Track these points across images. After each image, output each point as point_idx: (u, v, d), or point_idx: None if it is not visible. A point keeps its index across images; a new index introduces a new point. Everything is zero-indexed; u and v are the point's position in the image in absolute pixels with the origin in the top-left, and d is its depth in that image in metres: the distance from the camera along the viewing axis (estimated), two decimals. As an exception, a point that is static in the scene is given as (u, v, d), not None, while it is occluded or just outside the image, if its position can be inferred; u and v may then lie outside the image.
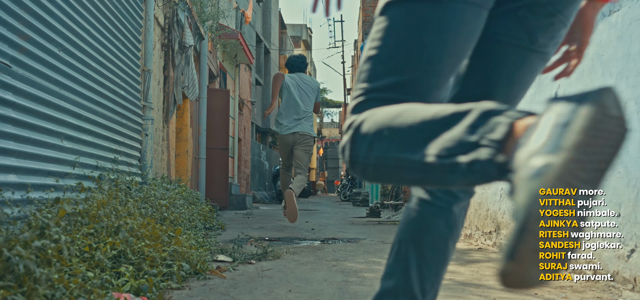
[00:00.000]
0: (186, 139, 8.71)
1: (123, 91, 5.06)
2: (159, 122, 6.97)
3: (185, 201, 5.79)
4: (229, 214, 10.57)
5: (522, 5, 1.21)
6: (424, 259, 1.32)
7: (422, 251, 1.32)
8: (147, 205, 3.68)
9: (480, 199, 4.52)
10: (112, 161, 4.65)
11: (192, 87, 7.54)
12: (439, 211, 1.32)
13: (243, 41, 12.87)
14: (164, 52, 7.23)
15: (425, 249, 1.32)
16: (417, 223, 1.33)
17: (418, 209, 1.34)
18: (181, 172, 8.66)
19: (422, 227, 1.32)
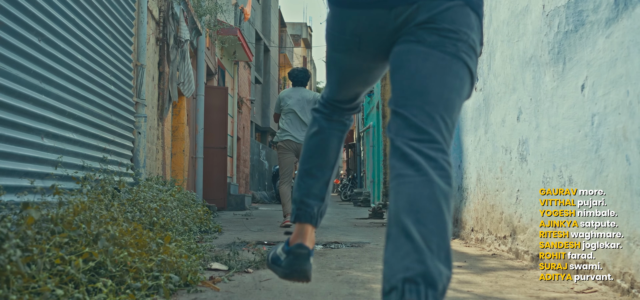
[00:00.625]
0: (183, 137, 8.42)
1: (113, 86, 4.77)
2: (153, 120, 6.68)
3: (180, 203, 5.50)
4: (227, 214, 10.28)
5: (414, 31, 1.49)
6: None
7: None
8: (135, 208, 3.39)
9: (493, 201, 4.23)
10: (101, 161, 4.35)
11: (188, 84, 7.25)
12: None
13: (242, 37, 12.58)
14: (159, 47, 6.93)
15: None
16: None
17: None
18: (177, 171, 8.37)
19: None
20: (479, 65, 4.69)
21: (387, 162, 13.49)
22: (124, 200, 3.62)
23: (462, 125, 5.18)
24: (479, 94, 4.68)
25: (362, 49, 1.58)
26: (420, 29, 1.45)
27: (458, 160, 5.31)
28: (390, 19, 1.49)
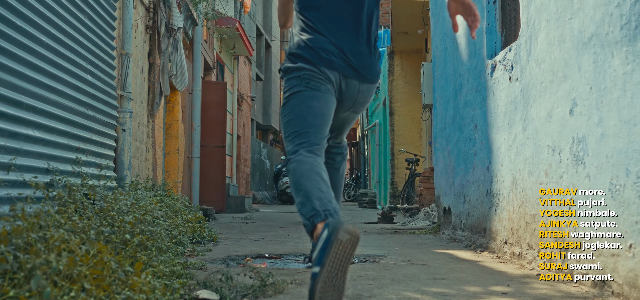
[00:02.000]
0: (177, 135, 7.76)
1: (90, 76, 4.11)
2: (142, 116, 6.03)
3: (170, 210, 4.85)
4: (226, 218, 9.63)
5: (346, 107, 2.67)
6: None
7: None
8: (105, 222, 2.74)
9: (536, 211, 3.58)
10: (73, 163, 3.70)
11: (181, 76, 6.59)
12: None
13: (242, 30, 11.92)
14: (149, 36, 6.28)
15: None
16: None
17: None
18: (171, 172, 7.72)
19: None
20: (516, 51, 4.01)
21: (395, 162, 12.84)
22: (96, 210, 2.96)
23: (491, 121, 4.52)
24: (513, 85, 4.02)
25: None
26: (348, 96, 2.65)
27: (486, 162, 4.65)
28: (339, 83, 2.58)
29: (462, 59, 5.39)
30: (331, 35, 2.52)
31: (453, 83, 5.75)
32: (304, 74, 2.46)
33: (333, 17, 2.54)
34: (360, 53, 2.55)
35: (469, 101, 5.18)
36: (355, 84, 2.57)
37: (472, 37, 2.51)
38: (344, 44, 2.53)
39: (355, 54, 2.54)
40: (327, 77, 2.49)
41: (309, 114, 2.44)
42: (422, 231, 6.46)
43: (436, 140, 6.54)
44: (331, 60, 2.49)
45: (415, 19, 10.31)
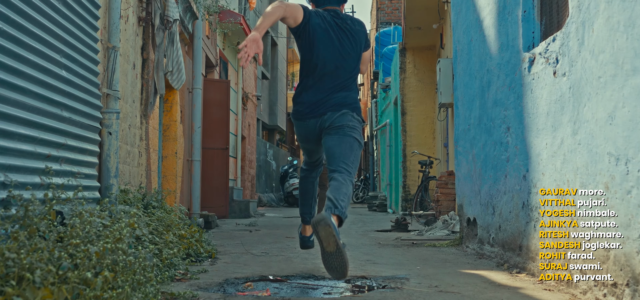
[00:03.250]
0: (175, 137, 7.19)
1: (65, 71, 3.54)
2: (134, 117, 5.46)
3: (161, 223, 4.27)
4: (228, 225, 9.06)
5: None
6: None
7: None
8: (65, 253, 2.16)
9: (593, 233, 2.99)
10: (42, 173, 3.13)
11: (178, 73, 6.01)
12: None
13: (246, 26, 11.34)
14: (142, 28, 5.71)
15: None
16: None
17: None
18: (169, 177, 7.15)
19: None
20: (563, 41, 3.41)
21: (408, 164, 12.23)
22: (56, 237, 2.38)
23: (529, 123, 3.92)
24: (559, 81, 3.42)
25: (310, 138, 3.71)
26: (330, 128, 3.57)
27: (522, 169, 4.05)
28: (317, 125, 3.60)
29: (491, 53, 4.79)
30: (318, 93, 3.64)
31: (479, 80, 5.15)
32: (298, 130, 3.78)
33: (319, 76, 3.64)
34: (332, 101, 3.62)
35: (499, 100, 4.58)
36: (327, 116, 3.61)
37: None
38: (319, 98, 3.62)
39: (329, 101, 3.61)
40: (308, 127, 3.68)
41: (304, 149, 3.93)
42: (442, 243, 5.86)
43: (458, 144, 5.94)
44: (307, 118, 3.65)
45: (430, 12, 9.71)
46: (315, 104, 3.56)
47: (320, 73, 3.55)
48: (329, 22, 3.60)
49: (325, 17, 3.61)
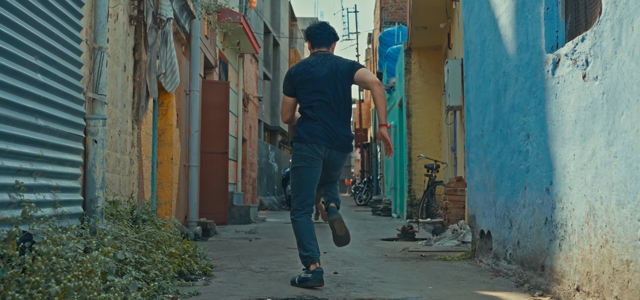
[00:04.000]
0: (170, 142, 6.85)
1: (41, 75, 3.19)
2: (125, 123, 5.11)
3: (150, 240, 3.92)
4: (228, 232, 8.71)
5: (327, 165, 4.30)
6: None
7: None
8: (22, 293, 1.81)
9: (631, 256, 2.63)
10: (12, 190, 2.79)
11: (171, 75, 5.66)
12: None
13: (246, 25, 10.99)
14: (134, 28, 5.36)
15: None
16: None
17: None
18: (164, 184, 6.81)
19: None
20: (595, 41, 3.06)
21: (413, 168, 11.86)
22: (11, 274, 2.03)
23: (553, 131, 3.56)
24: (591, 86, 3.07)
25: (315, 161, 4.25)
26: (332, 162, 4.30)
27: (545, 182, 3.69)
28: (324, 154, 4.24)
29: (508, 54, 4.43)
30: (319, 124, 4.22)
31: (494, 83, 4.80)
32: (303, 154, 4.21)
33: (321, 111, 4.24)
34: (336, 135, 4.25)
35: (517, 105, 4.22)
36: (334, 153, 4.30)
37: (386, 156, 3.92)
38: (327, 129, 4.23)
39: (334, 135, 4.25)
40: (317, 151, 4.20)
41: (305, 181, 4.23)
42: (453, 256, 5.50)
43: (470, 150, 5.58)
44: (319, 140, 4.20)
45: (437, 11, 9.34)
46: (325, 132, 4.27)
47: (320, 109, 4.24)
48: (313, 64, 4.34)
49: (309, 61, 4.38)
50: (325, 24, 4.49)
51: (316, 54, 4.39)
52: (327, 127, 4.20)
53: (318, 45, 4.42)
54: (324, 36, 4.42)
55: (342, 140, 4.27)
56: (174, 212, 6.94)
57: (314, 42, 4.43)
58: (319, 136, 4.18)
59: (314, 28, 4.47)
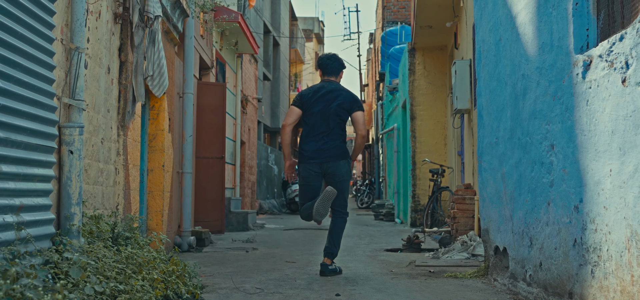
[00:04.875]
0: (162, 148, 6.44)
1: (0, 80, 2.79)
2: (109, 129, 4.71)
3: (130, 262, 3.52)
4: (224, 241, 8.31)
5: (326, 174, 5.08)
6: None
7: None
8: None
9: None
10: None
11: (159, 77, 5.25)
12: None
13: (244, 24, 10.58)
14: (120, 26, 4.96)
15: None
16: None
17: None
18: (155, 193, 6.40)
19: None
20: (636, 43, 2.65)
21: (417, 173, 11.45)
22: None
23: (584, 142, 3.16)
24: (632, 91, 2.67)
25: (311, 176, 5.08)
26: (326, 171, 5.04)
27: (574, 198, 3.28)
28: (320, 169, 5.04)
29: (528, 54, 4.02)
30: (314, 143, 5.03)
31: (510, 86, 4.39)
32: (302, 174, 5.11)
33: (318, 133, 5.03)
34: (325, 149, 5.01)
35: (539, 111, 3.81)
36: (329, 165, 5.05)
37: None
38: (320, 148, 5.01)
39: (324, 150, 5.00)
40: (313, 169, 5.05)
41: (306, 195, 5.14)
42: (465, 273, 5.09)
43: (483, 158, 5.18)
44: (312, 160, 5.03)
45: (444, 10, 8.94)
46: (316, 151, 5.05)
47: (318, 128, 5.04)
48: (320, 91, 5.10)
49: (318, 89, 5.12)
50: (335, 56, 5.24)
51: (325, 81, 5.18)
52: (319, 146, 5.02)
53: (328, 74, 5.19)
54: (334, 66, 5.17)
55: (332, 150, 5.01)
56: (165, 223, 6.53)
57: (324, 71, 5.20)
58: (312, 157, 5.03)
59: (325, 58, 5.22)
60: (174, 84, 6.97)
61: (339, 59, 5.20)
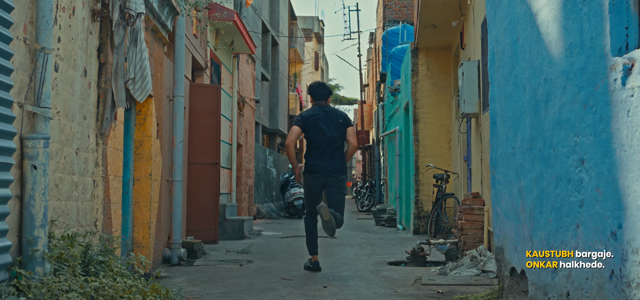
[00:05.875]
0: (149, 156, 6.00)
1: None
2: (85, 139, 4.27)
3: (100, 294, 3.07)
4: (218, 252, 7.87)
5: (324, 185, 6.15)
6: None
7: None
8: None
9: None
10: None
11: (141, 81, 4.79)
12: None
13: (240, 23, 10.14)
14: (99, 25, 4.52)
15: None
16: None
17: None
18: (141, 205, 5.96)
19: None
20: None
21: (421, 178, 11.00)
22: None
23: (622, 158, 2.72)
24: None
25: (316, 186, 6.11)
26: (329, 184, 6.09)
27: (610, 223, 2.84)
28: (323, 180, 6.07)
29: (552, 56, 3.58)
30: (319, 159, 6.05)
31: (530, 91, 3.94)
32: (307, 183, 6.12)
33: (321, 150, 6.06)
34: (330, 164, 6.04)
35: (566, 121, 3.37)
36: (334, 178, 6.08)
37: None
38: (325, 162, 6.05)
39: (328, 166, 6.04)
40: (317, 179, 6.05)
41: (310, 199, 6.17)
42: (477, 296, 4.65)
43: (496, 169, 4.74)
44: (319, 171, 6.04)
45: (449, 8, 8.50)
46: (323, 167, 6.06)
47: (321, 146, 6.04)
48: (317, 114, 6.11)
49: (315, 112, 6.13)
50: (323, 84, 6.42)
51: (317, 105, 6.22)
52: (324, 161, 6.07)
53: (318, 99, 6.25)
54: (323, 93, 6.28)
55: (335, 167, 6.10)
56: (153, 236, 6.09)
57: (314, 97, 6.26)
58: (317, 170, 6.07)
59: (315, 87, 6.32)
60: (163, 86, 6.53)
61: (326, 86, 6.37)
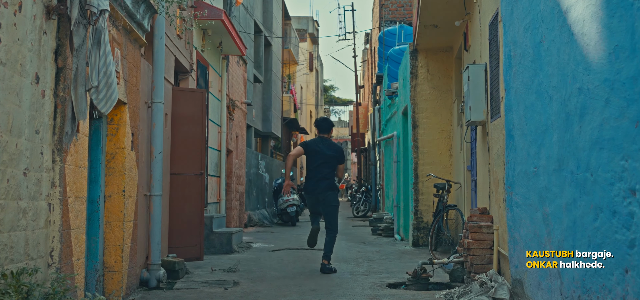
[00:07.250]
0: (122, 170, 5.38)
1: None
2: (37, 156, 3.65)
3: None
4: (202, 270, 7.25)
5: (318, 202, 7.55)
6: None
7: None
8: None
9: None
10: None
11: (106, 89, 4.16)
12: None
13: (228, 23, 9.51)
14: (56, 24, 3.90)
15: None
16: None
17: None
18: (113, 224, 5.34)
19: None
20: None
21: (420, 187, 10.40)
22: None
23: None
24: None
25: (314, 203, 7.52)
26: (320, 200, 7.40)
27: None
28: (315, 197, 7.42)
29: (589, 61, 2.99)
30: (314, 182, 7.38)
31: (559, 102, 3.35)
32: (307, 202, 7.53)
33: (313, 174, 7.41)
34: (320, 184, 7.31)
35: (609, 140, 2.78)
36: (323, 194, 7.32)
37: None
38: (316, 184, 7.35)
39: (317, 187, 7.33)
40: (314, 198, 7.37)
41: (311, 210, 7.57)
42: (492, 335, 4.05)
43: (514, 189, 4.14)
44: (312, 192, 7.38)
45: (452, 6, 7.90)
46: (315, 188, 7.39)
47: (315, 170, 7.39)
48: (318, 144, 7.48)
49: (317, 142, 7.55)
50: (327, 119, 7.78)
51: (321, 137, 7.56)
52: (314, 183, 7.38)
53: (322, 132, 7.60)
54: (326, 126, 7.63)
55: (322, 187, 7.33)
56: (126, 259, 5.47)
57: (319, 130, 7.63)
58: (310, 190, 7.41)
59: (321, 121, 7.73)
60: (140, 92, 5.91)
61: (330, 121, 7.75)
